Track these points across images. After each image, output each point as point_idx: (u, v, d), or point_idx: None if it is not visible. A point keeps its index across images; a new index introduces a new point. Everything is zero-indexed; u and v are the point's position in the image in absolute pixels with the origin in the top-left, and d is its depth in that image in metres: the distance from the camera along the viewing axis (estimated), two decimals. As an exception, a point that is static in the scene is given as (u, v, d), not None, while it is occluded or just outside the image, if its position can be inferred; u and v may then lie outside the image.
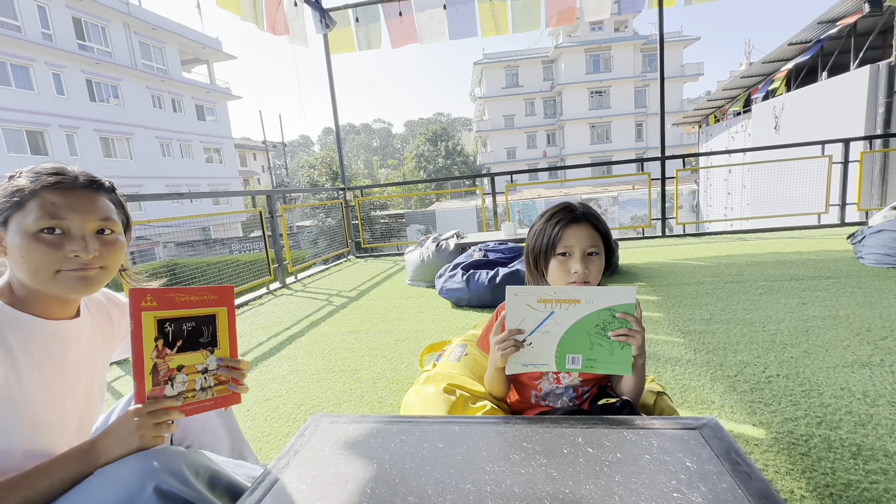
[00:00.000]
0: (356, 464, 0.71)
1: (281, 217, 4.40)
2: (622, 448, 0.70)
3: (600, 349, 0.85)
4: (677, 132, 30.04)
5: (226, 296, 0.82)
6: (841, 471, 1.13)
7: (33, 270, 0.73)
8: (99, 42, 18.51)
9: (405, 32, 5.19)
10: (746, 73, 11.61)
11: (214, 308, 0.81)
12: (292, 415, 1.71)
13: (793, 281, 2.93)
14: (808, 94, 9.07)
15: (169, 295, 0.76)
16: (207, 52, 23.92)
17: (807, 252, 3.79)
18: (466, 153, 35.48)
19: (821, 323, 2.15)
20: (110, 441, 0.74)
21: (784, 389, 1.57)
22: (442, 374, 1.19)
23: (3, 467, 0.72)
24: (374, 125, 70.53)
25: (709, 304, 2.60)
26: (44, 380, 0.76)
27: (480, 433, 0.78)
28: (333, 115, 5.82)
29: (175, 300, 0.77)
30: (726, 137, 13.87)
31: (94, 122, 18.09)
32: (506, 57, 33.78)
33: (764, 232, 5.19)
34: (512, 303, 0.85)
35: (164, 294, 0.75)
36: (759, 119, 11.10)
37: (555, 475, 0.64)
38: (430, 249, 3.78)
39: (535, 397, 1.00)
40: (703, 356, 1.91)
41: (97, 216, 0.78)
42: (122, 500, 0.69)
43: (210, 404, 0.84)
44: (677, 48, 31.78)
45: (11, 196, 0.74)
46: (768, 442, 1.28)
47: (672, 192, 5.68)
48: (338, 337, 2.61)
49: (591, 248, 0.94)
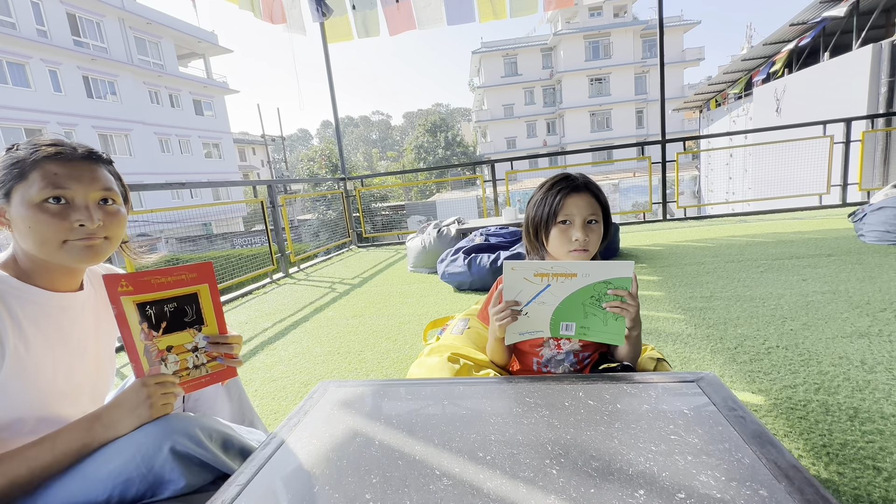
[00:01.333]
0: (364, 421, 0.74)
1: (282, 207, 4.42)
2: (621, 400, 0.72)
3: (594, 318, 0.86)
4: (678, 118, 29.83)
5: (205, 272, 0.81)
6: (838, 432, 1.16)
7: (40, 241, 0.75)
8: (94, 38, 18.39)
9: (403, 19, 5.15)
10: (747, 56, 11.49)
11: (195, 286, 0.81)
12: (299, 393, 1.74)
13: (793, 259, 2.94)
14: (809, 75, 8.99)
15: (144, 278, 0.75)
16: (203, 47, 23.74)
17: (808, 231, 3.79)
18: (466, 143, 35.32)
19: (821, 297, 2.17)
20: (120, 412, 0.75)
21: (783, 359, 1.59)
22: (446, 345, 1.22)
23: (17, 434, 0.75)
24: (372, 117, 70.15)
25: (709, 283, 2.62)
26: (52, 350, 0.78)
27: (484, 391, 0.80)
28: (332, 104, 5.80)
29: (151, 283, 0.76)
30: (728, 121, 13.78)
31: (92, 119, 18.03)
32: (504, 45, 33.45)
33: (765, 214, 5.19)
34: (509, 277, 0.86)
35: (139, 278, 0.75)
36: (761, 102, 11.01)
37: (556, 424, 0.66)
38: (431, 235, 3.79)
39: (537, 364, 1.03)
40: (704, 331, 1.93)
41: (99, 186, 0.79)
42: (140, 461, 0.72)
43: (206, 380, 0.85)
44: (678, 33, 31.40)
45: (12, 168, 0.75)
46: (767, 407, 1.31)
47: (673, 176, 5.67)
48: (342, 321, 2.64)
49: (591, 216, 0.95)
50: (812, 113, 8.42)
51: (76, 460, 0.72)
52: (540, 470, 0.56)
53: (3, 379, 0.72)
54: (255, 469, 0.63)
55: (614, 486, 0.52)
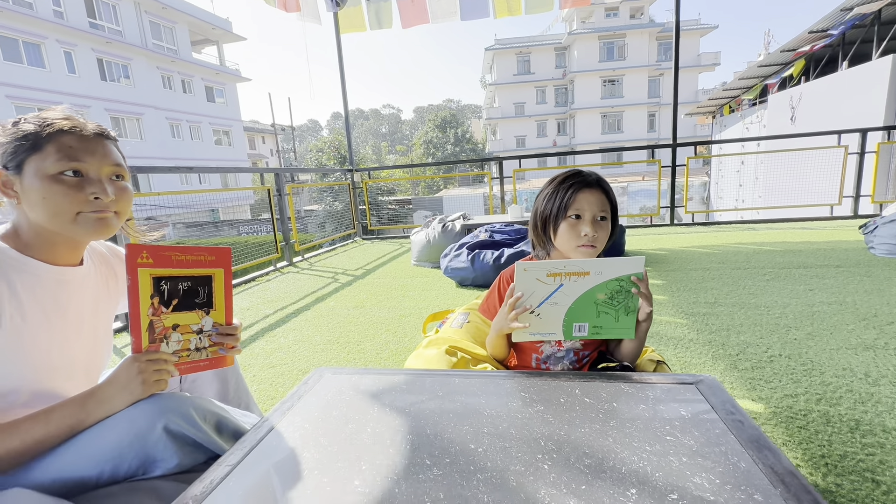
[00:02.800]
0: (357, 408, 0.73)
1: (289, 196, 4.42)
2: (618, 399, 0.71)
3: (606, 317, 0.85)
4: (691, 123, 29.55)
5: (223, 257, 0.82)
6: (838, 443, 1.14)
7: (54, 212, 0.75)
8: (110, 21, 18.47)
9: (416, 11, 5.12)
10: (764, 63, 11.34)
11: (211, 269, 0.81)
12: (297, 380, 1.74)
13: (801, 269, 2.90)
14: (826, 84, 8.86)
15: (166, 253, 0.76)
16: (217, 33, 23.79)
17: (817, 242, 3.74)
18: (475, 141, 35.20)
19: (826, 308, 2.14)
20: (113, 389, 0.75)
21: (785, 368, 1.57)
22: (444, 338, 1.21)
23: (12, 406, 0.75)
24: (383, 111, 70.06)
25: (714, 289, 2.59)
26: (48, 323, 0.78)
27: (480, 385, 0.79)
28: (342, 94, 5.79)
29: (171, 258, 0.76)
30: (741, 128, 13.62)
31: (105, 102, 18.14)
32: (518, 43, 33.23)
33: (774, 222, 5.13)
34: (521, 277, 0.84)
35: (160, 251, 0.75)
36: (776, 109, 10.87)
37: (551, 420, 0.66)
38: (436, 230, 3.78)
39: (536, 360, 1.02)
40: (706, 336, 1.91)
41: (111, 161, 0.80)
42: (133, 439, 0.72)
43: (204, 364, 0.85)
44: (694, 37, 31.05)
45: (23, 140, 0.75)
46: (766, 415, 1.29)
47: (682, 181, 5.61)
48: (343, 311, 2.65)
49: (601, 212, 0.94)
50: (827, 122, 8.29)
51: (70, 435, 0.73)
52: (531, 464, 0.56)
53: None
54: (246, 451, 0.63)
55: (606, 483, 0.51)
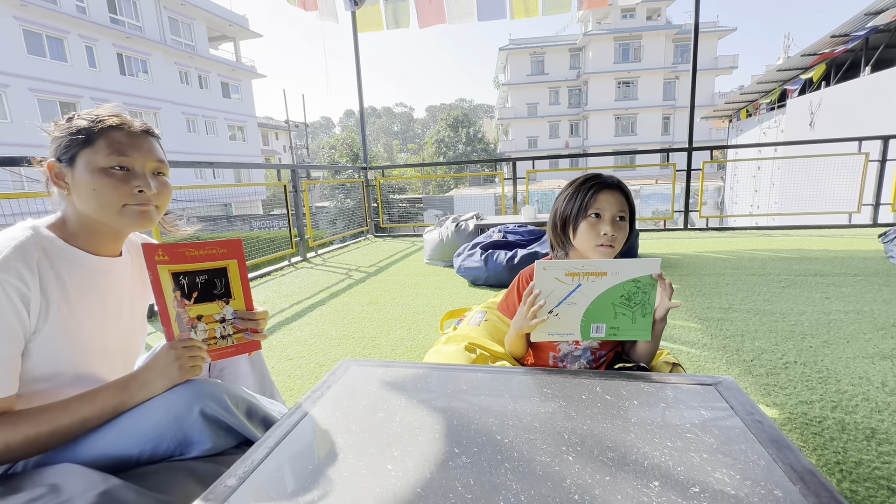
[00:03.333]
0: (385, 398, 0.76)
1: (304, 192, 4.48)
2: (639, 397, 0.73)
3: (623, 318, 0.87)
4: (706, 127, 29.18)
5: (234, 249, 0.86)
6: (853, 451, 1.15)
7: (102, 203, 0.79)
8: (130, 16, 18.80)
9: (433, 11, 5.15)
10: (783, 66, 11.17)
11: (224, 261, 0.85)
12: (314, 373, 1.78)
13: (817, 276, 2.88)
14: (847, 89, 8.70)
15: (179, 250, 0.80)
16: (234, 30, 24.07)
17: (834, 250, 3.70)
18: (487, 140, 35.12)
19: (843, 317, 2.12)
20: (152, 373, 0.79)
21: (801, 375, 1.57)
22: (463, 335, 1.24)
23: (57, 386, 0.79)
24: (395, 109, 70.27)
25: (728, 295, 2.58)
26: (90, 311, 0.82)
27: (502, 380, 0.82)
28: (358, 94, 5.84)
29: (185, 255, 0.81)
30: (758, 133, 13.44)
31: (123, 96, 18.46)
32: (532, 43, 33.10)
33: (790, 229, 5.06)
34: (541, 276, 0.87)
35: (174, 249, 0.80)
36: (794, 115, 10.70)
37: (573, 415, 0.68)
38: (449, 229, 3.81)
39: (553, 359, 1.04)
40: (720, 341, 1.92)
41: (155, 157, 0.84)
42: (171, 421, 0.76)
43: (232, 350, 0.89)
44: (712, 39, 30.64)
45: (77, 135, 0.80)
46: (781, 421, 1.30)
47: (697, 185, 5.57)
48: (357, 307, 2.69)
49: (620, 213, 0.97)
50: (848, 129, 8.15)
51: (113, 416, 0.77)
52: (556, 455, 0.58)
53: (47, 334, 0.76)
54: (282, 435, 0.67)
55: (629, 475, 0.54)
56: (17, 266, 0.71)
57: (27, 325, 0.73)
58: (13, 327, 0.71)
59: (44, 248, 0.78)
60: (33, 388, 0.77)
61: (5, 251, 0.71)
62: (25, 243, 0.75)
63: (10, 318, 0.70)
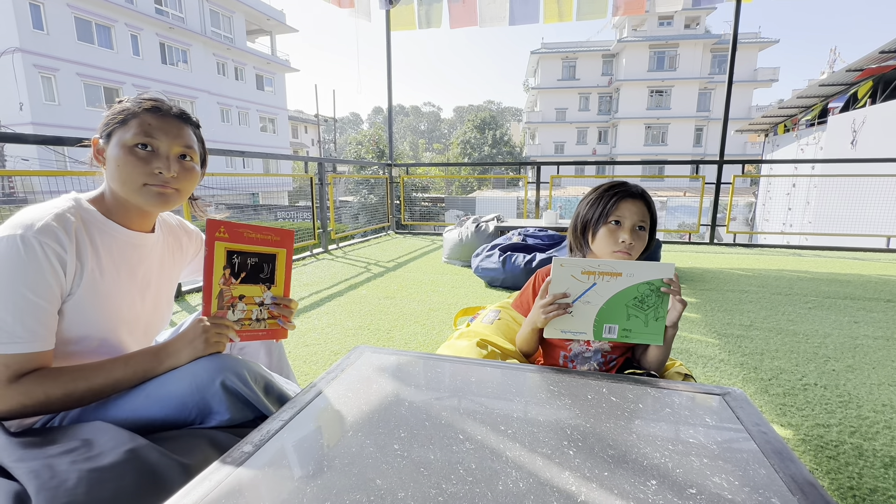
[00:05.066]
0: (396, 384, 0.79)
1: (330, 185, 4.58)
2: (644, 401, 0.74)
3: (636, 320, 0.88)
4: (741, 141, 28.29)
5: (287, 239, 0.91)
6: (869, 477, 1.12)
7: (124, 180, 0.85)
8: (174, 8, 19.50)
9: (466, 14, 5.18)
10: (826, 82, 10.75)
11: (276, 248, 0.90)
12: (329, 360, 1.83)
13: (847, 300, 2.78)
14: (894, 108, 8.31)
15: (240, 230, 0.85)
16: (271, 24, 24.66)
17: (868, 274, 3.55)
18: (513, 144, 34.95)
19: (871, 342, 2.05)
20: (180, 343, 0.85)
21: (820, 398, 1.53)
22: (475, 331, 1.26)
23: (84, 349, 0.85)
24: (423, 108, 70.65)
25: (751, 312, 2.52)
26: (120, 280, 0.88)
27: (511, 375, 0.84)
28: (388, 92, 5.92)
29: (244, 235, 0.86)
30: (795, 149, 12.97)
31: (163, 84, 19.16)
32: (564, 48, 32.76)
33: (823, 249, 4.89)
34: (557, 273, 0.88)
35: (235, 228, 0.85)
36: (835, 132, 10.29)
37: (577, 413, 0.69)
38: (469, 229, 3.83)
39: (564, 358, 1.05)
40: (738, 358, 1.88)
41: (182, 142, 0.89)
42: (195, 390, 0.81)
43: (262, 334, 0.94)
44: (752, 50, 29.71)
45: (118, 114, 0.86)
46: (795, 442, 1.27)
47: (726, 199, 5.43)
48: (374, 300, 2.74)
49: (640, 222, 0.97)
50: (892, 149, 7.79)
51: (143, 380, 0.82)
52: (558, 449, 0.60)
53: (79, 297, 0.82)
54: (297, 410, 0.70)
55: (627, 473, 0.55)
56: (56, 231, 0.77)
57: (63, 285, 0.79)
58: (51, 286, 0.76)
59: (82, 218, 0.84)
60: (64, 349, 0.83)
61: (46, 217, 0.78)
62: (66, 212, 0.81)
63: (49, 278, 0.76)
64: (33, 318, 0.75)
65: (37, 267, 0.74)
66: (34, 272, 0.74)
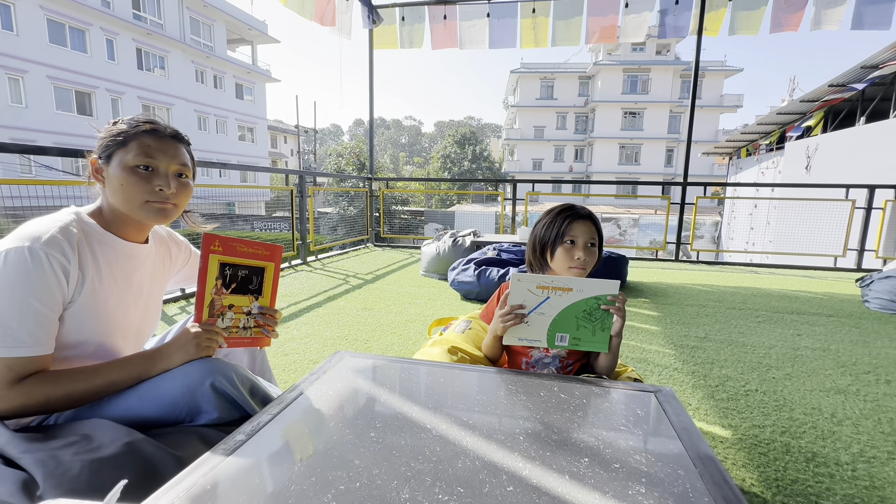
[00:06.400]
0: (373, 384, 0.89)
1: (310, 198, 4.63)
2: (588, 397, 0.86)
3: (585, 330, 1.00)
4: (708, 162, 29.64)
5: (276, 253, 1.00)
6: (792, 470, 1.26)
7: (127, 198, 0.92)
8: (153, 14, 19.29)
9: (447, 36, 5.38)
10: (783, 110, 11.50)
11: (266, 262, 1.00)
12: (307, 369, 1.89)
13: (793, 314, 3.01)
14: (843, 137, 8.97)
15: (233, 243, 0.94)
16: (253, 34, 24.63)
17: (815, 291, 3.84)
18: (493, 159, 35.59)
19: (810, 353, 2.25)
20: (173, 348, 0.92)
21: (759, 402, 1.69)
22: (447, 340, 1.36)
23: (81, 354, 0.91)
24: (404, 122, 71.19)
25: (706, 325, 2.71)
26: (117, 289, 0.95)
27: (476, 377, 0.94)
28: (369, 108, 6.04)
29: (237, 249, 0.95)
30: (756, 172, 13.73)
31: (138, 90, 18.83)
32: (543, 68, 33.85)
33: (777, 268, 5.22)
34: (515, 287, 1.00)
35: (229, 242, 0.94)
36: (792, 157, 10.98)
37: (530, 407, 0.80)
38: (446, 244, 3.95)
39: (525, 363, 1.16)
40: (691, 367, 2.04)
41: (179, 161, 0.97)
42: (186, 390, 0.88)
43: (248, 342, 1.03)
44: (718, 77, 31.38)
45: (116, 136, 0.94)
46: (732, 440, 1.41)
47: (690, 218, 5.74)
48: (352, 312, 2.80)
49: (591, 240, 1.11)
50: (841, 175, 8.39)
51: (137, 382, 0.89)
52: (511, 435, 0.70)
53: (79, 305, 0.88)
54: (284, 405, 0.79)
55: (566, 452, 0.66)
56: (61, 243, 0.84)
57: (66, 294, 0.85)
58: (54, 294, 0.83)
59: (84, 231, 0.91)
60: (61, 353, 0.89)
61: (52, 230, 0.84)
62: (69, 225, 0.88)
63: (53, 287, 0.82)
64: (37, 325, 0.81)
65: (42, 277, 0.81)
66: (40, 282, 0.81)
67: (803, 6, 4.54)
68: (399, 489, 0.56)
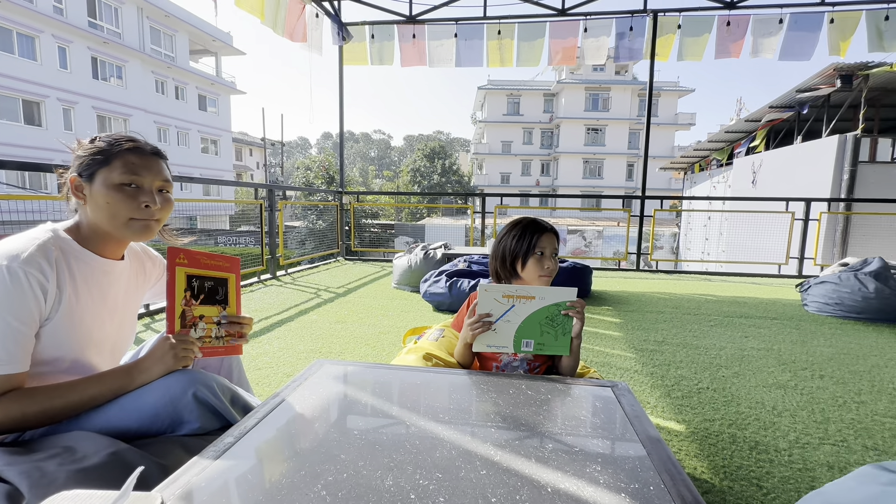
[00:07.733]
0: (352, 388, 0.94)
1: (279, 212, 4.60)
2: (552, 392, 0.94)
3: (548, 335, 1.09)
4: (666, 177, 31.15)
5: (235, 265, 1.06)
6: (737, 457, 1.39)
7: (112, 215, 0.94)
8: (110, 22, 18.63)
9: (416, 54, 5.53)
10: (730, 129, 12.33)
11: (227, 273, 1.05)
12: (282, 383, 1.90)
13: (742, 318, 3.24)
14: (783, 154, 9.72)
15: (196, 256, 0.98)
16: (217, 45, 24.18)
17: (761, 296, 4.13)
18: (462, 173, 36.09)
19: (755, 353, 2.44)
20: (150, 361, 0.94)
21: (710, 399, 1.83)
22: (422, 347, 1.42)
23: (56, 370, 0.92)
24: (373, 135, 71.19)
25: (664, 330, 2.88)
26: (93, 304, 0.96)
27: (450, 379, 1.01)
28: (339, 123, 6.08)
29: (201, 261, 0.99)
30: (709, 186, 14.58)
31: (93, 100, 18.04)
32: (509, 85, 34.86)
33: (728, 276, 5.57)
34: (483, 296, 1.09)
35: (193, 254, 0.98)
36: (739, 172, 11.76)
37: (500, 402, 0.88)
38: (418, 256, 4.01)
39: (496, 368, 1.24)
40: (650, 369, 2.17)
41: (161, 177, 1.00)
42: (168, 401, 0.91)
43: (221, 351, 1.06)
44: (672, 97, 33.26)
45: (96, 155, 0.94)
46: (685, 434, 1.53)
47: (649, 230, 6.05)
48: (325, 325, 2.81)
49: (555, 250, 1.21)
50: (783, 189, 9.07)
51: (116, 396, 0.91)
52: (482, 426, 0.77)
53: (56, 322, 0.89)
54: (269, 409, 0.83)
55: (532, 440, 0.74)
56: (39, 261, 0.85)
57: (43, 311, 0.86)
58: (32, 312, 0.84)
59: (61, 248, 0.92)
60: (36, 370, 0.89)
61: (30, 249, 0.85)
62: (47, 243, 0.89)
63: (31, 305, 0.83)
64: (14, 343, 0.81)
65: (21, 295, 0.81)
66: (18, 300, 0.81)
67: (742, 36, 4.97)
68: (383, 477, 0.62)
